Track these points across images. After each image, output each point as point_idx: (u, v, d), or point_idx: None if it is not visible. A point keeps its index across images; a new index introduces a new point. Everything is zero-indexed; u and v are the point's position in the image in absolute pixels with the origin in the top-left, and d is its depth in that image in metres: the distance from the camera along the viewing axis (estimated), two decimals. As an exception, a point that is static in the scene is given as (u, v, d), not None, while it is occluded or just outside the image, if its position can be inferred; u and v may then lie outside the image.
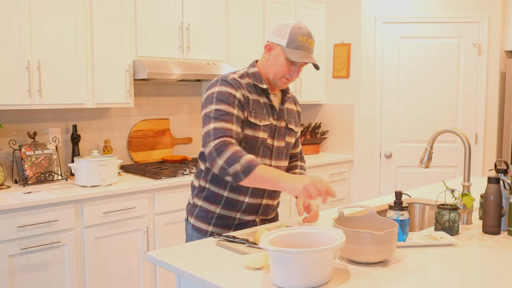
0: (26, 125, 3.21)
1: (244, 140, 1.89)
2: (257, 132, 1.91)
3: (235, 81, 1.89)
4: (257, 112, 1.91)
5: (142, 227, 3.09)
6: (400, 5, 4.32)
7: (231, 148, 1.74)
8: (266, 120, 1.93)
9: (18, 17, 2.80)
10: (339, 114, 4.62)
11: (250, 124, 1.89)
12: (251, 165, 1.72)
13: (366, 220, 1.74)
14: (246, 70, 1.97)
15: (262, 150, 1.94)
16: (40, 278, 2.70)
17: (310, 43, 1.89)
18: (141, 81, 3.63)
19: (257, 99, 1.93)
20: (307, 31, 1.89)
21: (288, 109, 2.06)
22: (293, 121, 2.07)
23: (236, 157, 1.72)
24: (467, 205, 2.01)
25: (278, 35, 1.89)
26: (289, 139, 2.04)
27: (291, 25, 1.88)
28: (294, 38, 1.86)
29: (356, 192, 4.54)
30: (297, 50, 1.86)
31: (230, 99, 1.83)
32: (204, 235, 1.98)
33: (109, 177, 3.01)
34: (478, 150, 4.39)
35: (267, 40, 1.93)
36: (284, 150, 2.03)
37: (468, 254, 1.70)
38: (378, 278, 1.46)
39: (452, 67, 4.33)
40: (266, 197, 1.99)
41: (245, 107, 1.88)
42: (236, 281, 1.45)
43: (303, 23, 1.93)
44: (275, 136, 1.98)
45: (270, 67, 1.92)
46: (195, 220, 2.00)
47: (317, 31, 4.58)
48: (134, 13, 3.30)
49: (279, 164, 2.01)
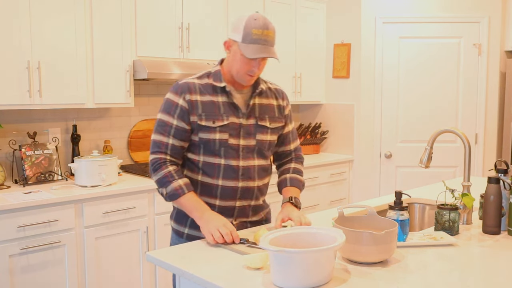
0: (26, 125, 3.21)
1: (203, 144, 1.87)
2: (212, 134, 1.86)
3: (186, 85, 1.87)
4: (209, 114, 1.85)
5: (142, 227, 3.09)
6: (400, 5, 4.32)
7: (163, 170, 1.84)
8: (223, 120, 1.86)
9: (18, 17, 2.80)
10: (339, 114, 4.61)
11: (202, 128, 1.86)
12: (176, 194, 1.83)
13: (366, 220, 1.74)
14: (211, 69, 1.95)
15: (224, 151, 1.88)
16: (40, 278, 2.70)
17: (267, 35, 1.79)
18: (141, 81, 3.63)
19: (212, 100, 1.87)
20: (262, 23, 1.78)
21: (262, 104, 1.96)
22: (268, 117, 1.97)
23: (165, 182, 1.84)
24: (467, 205, 2.01)
25: (235, 30, 1.82)
26: (262, 136, 1.95)
27: (246, 18, 1.79)
28: (248, 32, 1.77)
29: (356, 192, 4.54)
30: (252, 45, 1.78)
31: (171, 109, 1.86)
32: (181, 236, 1.97)
33: (109, 177, 3.01)
34: (478, 150, 4.39)
35: (228, 37, 1.87)
36: (255, 148, 1.93)
37: (468, 254, 1.70)
38: (378, 278, 1.46)
39: (452, 67, 4.33)
40: (240, 199, 1.94)
41: (192, 112, 1.85)
42: (236, 281, 1.45)
43: (260, 14, 1.83)
44: (241, 135, 1.90)
45: (231, 65, 1.86)
46: (173, 223, 2.02)
47: (317, 31, 4.58)
48: (134, 13, 3.30)
49: (250, 163, 1.93)
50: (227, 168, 1.89)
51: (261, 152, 1.96)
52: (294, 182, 2.06)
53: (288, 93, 4.35)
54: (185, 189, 1.84)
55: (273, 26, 1.83)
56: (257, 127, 1.93)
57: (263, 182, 2.01)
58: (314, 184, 4.22)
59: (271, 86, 2.05)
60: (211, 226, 1.76)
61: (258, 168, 1.96)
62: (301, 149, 2.20)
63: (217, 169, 1.90)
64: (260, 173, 1.97)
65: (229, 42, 1.86)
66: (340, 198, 4.49)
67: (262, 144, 1.95)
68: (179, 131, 1.86)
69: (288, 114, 2.07)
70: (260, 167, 1.97)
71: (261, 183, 1.99)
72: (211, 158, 1.90)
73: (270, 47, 1.81)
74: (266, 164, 2.02)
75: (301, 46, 4.43)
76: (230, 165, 1.89)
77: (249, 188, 1.94)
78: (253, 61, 1.82)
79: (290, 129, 2.09)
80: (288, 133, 2.08)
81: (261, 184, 2.00)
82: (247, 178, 1.93)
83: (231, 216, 1.94)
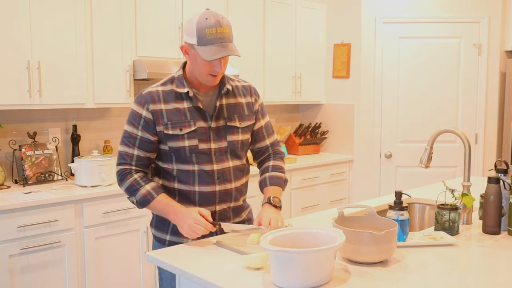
0: (26, 125, 3.21)
1: (173, 152, 1.85)
2: (181, 141, 1.82)
3: (150, 95, 1.84)
4: (175, 122, 1.82)
5: (142, 227, 3.09)
6: (400, 5, 4.32)
7: (129, 179, 1.84)
8: (190, 126, 1.83)
9: (18, 17, 2.80)
10: (339, 114, 4.61)
11: (170, 137, 1.82)
12: (145, 200, 1.83)
13: (366, 220, 1.74)
14: (174, 74, 1.91)
15: (196, 158, 1.84)
16: (40, 278, 2.70)
17: (222, 32, 1.72)
18: (141, 81, 3.63)
19: (177, 107, 1.83)
20: (214, 20, 1.71)
21: (229, 104, 1.91)
22: (237, 116, 1.91)
23: (133, 190, 1.84)
24: (467, 205, 2.01)
25: (188, 33, 1.76)
26: (233, 137, 1.90)
27: (197, 18, 1.73)
28: (202, 34, 1.71)
29: (356, 192, 4.54)
30: (209, 46, 1.71)
31: (135, 120, 1.84)
32: (163, 244, 1.94)
33: (109, 177, 3.01)
34: (478, 150, 4.39)
35: (184, 41, 1.81)
36: (227, 150, 1.89)
37: (468, 254, 1.70)
38: (378, 278, 1.46)
39: (452, 67, 4.33)
40: (219, 203, 1.91)
41: (157, 122, 1.82)
42: (236, 281, 1.45)
43: (210, 11, 1.75)
44: (211, 138, 1.86)
45: (192, 68, 1.82)
46: (154, 230, 1.99)
47: (317, 31, 4.58)
48: (134, 13, 3.30)
49: (224, 166, 1.89)
50: (201, 174, 1.86)
51: (234, 152, 1.92)
52: (273, 181, 1.98)
53: (288, 93, 4.35)
54: (154, 193, 1.82)
55: (227, 21, 1.76)
56: (227, 128, 1.89)
57: (241, 182, 1.97)
58: (314, 184, 4.22)
59: (238, 84, 1.99)
60: (189, 223, 1.73)
61: (234, 169, 1.93)
62: (280, 143, 2.12)
63: (192, 176, 1.86)
64: (236, 173, 1.94)
65: (185, 46, 1.80)
66: (340, 198, 4.49)
67: (234, 144, 1.91)
68: (144, 142, 1.84)
69: (258, 110, 2.00)
70: (235, 167, 1.93)
71: (238, 183, 1.95)
72: (184, 166, 1.86)
73: (228, 43, 1.74)
74: (241, 164, 1.97)
75: (301, 46, 4.43)
76: (204, 170, 1.86)
77: (227, 190, 1.91)
78: (214, 62, 1.76)
79: (262, 124, 2.02)
80: (261, 128, 2.02)
81: (239, 184, 1.96)
82: (224, 181, 1.90)
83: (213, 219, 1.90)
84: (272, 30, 4.17)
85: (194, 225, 1.73)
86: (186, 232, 1.75)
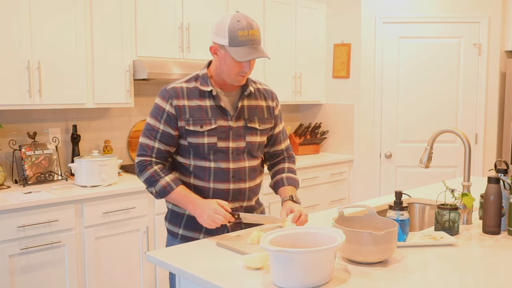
0: (26, 125, 3.21)
1: (192, 148, 1.89)
2: (201, 138, 1.87)
3: (174, 90, 1.89)
4: (197, 119, 1.87)
5: (142, 227, 3.09)
6: (400, 5, 4.32)
7: (149, 170, 1.88)
8: (211, 124, 1.87)
9: (18, 17, 2.80)
10: (339, 114, 4.61)
11: (190, 133, 1.87)
12: (165, 191, 1.86)
13: (366, 220, 1.74)
14: (199, 72, 1.95)
15: (213, 155, 1.89)
16: (40, 278, 2.70)
17: (253, 34, 1.78)
18: (141, 81, 3.63)
19: (199, 104, 1.88)
20: (246, 23, 1.77)
21: (251, 106, 1.96)
22: (258, 118, 1.97)
23: (152, 181, 1.88)
24: (467, 205, 2.01)
25: (219, 34, 1.80)
26: (252, 138, 1.95)
27: (228, 21, 1.78)
28: (234, 35, 1.76)
29: (356, 192, 4.54)
30: (241, 47, 1.77)
31: (159, 114, 1.90)
32: (175, 237, 1.99)
33: (109, 177, 3.01)
34: (478, 150, 4.39)
35: (212, 41, 1.86)
36: (245, 150, 1.94)
37: (468, 254, 1.70)
38: (378, 278, 1.46)
39: (452, 67, 4.33)
40: (232, 201, 1.94)
41: (179, 117, 1.87)
42: (236, 281, 1.45)
43: (241, 14, 1.80)
44: (230, 137, 1.91)
45: (221, 68, 1.86)
46: (168, 224, 2.04)
47: (317, 31, 4.58)
48: (134, 13, 3.30)
49: (240, 165, 1.93)
50: (217, 171, 1.91)
51: (251, 153, 1.97)
52: (290, 181, 2.06)
53: (288, 93, 4.35)
54: (173, 184, 1.87)
55: (256, 24, 1.82)
56: (246, 129, 1.94)
57: (255, 183, 2.01)
58: (314, 184, 4.22)
59: (260, 87, 2.05)
60: (209, 214, 1.78)
61: (249, 169, 1.97)
62: (292, 148, 2.20)
63: (208, 172, 1.91)
64: (251, 174, 1.98)
65: (215, 47, 1.85)
66: (340, 198, 4.49)
67: (252, 145, 1.96)
68: (165, 136, 1.89)
69: (278, 115, 2.07)
70: (251, 168, 1.98)
71: (252, 184, 1.99)
72: (201, 162, 1.91)
73: (258, 46, 1.81)
74: (256, 165, 2.01)
75: (301, 46, 4.43)
76: (220, 167, 1.91)
77: (241, 189, 1.95)
78: (243, 63, 1.82)
79: (280, 129, 2.09)
80: (279, 133, 2.09)
81: (253, 185, 2.00)
82: (238, 180, 1.94)
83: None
84: (272, 30, 4.17)
85: (214, 215, 1.78)
86: (206, 222, 1.79)
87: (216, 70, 1.89)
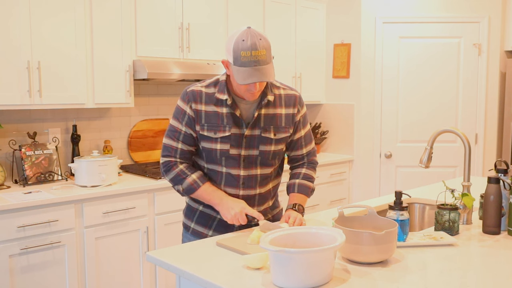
0: (26, 125, 3.21)
1: (205, 152, 1.93)
2: (214, 144, 1.89)
3: (192, 94, 1.90)
4: (211, 125, 1.88)
5: (142, 227, 3.09)
6: (400, 5, 4.33)
7: (175, 170, 1.93)
8: (225, 132, 1.88)
9: (18, 17, 2.80)
10: (339, 114, 4.62)
11: (204, 137, 1.90)
12: (192, 188, 1.92)
13: (366, 220, 1.74)
14: (219, 77, 1.94)
15: (225, 161, 1.92)
16: (40, 278, 2.70)
17: (257, 55, 1.70)
18: (141, 81, 3.63)
19: (216, 111, 1.88)
20: (250, 43, 1.69)
21: (268, 115, 1.93)
22: (274, 127, 1.93)
23: (179, 179, 1.93)
24: (467, 205, 2.01)
25: (227, 51, 1.77)
26: (266, 147, 1.93)
27: (234, 39, 1.72)
28: (237, 55, 1.71)
29: (356, 192, 4.54)
30: (243, 68, 1.71)
31: (180, 115, 1.93)
32: (187, 230, 2.06)
33: (109, 177, 3.01)
34: (478, 150, 4.39)
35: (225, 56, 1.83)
36: (258, 158, 1.94)
37: (468, 254, 1.70)
38: (378, 278, 1.46)
39: (452, 67, 4.33)
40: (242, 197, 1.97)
41: (196, 121, 1.90)
42: (236, 281, 1.45)
43: (250, 31, 1.72)
44: (243, 145, 1.91)
45: (232, 83, 1.86)
46: (184, 217, 2.10)
47: (317, 31, 4.58)
48: (134, 13, 3.30)
49: (251, 173, 1.94)
50: (228, 176, 1.94)
51: (264, 161, 1.96)
52: (301, 189, 2.04)
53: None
54: (199, 182, 1.92)
55: (264, 42, 1.72)
56: (260, 139, 1.93)
57: (266, 189, 2.03)
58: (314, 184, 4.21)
59: (283, 93, 1.98)
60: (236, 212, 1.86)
61: (261, 177, 1.98)
62: (315, 153, 2.15)
63: (220, 176, 1.96)
64: (262, 181, 1.99)
65: (226, 62, 1.82)
66: (340, 198, 4.49)
67: (265, 154, 1.95)
68: (187, 137, 1.93)
69: (300, 120, 2.02)
70: (262, 176, 1.98)
71: (263, 190, 2.01)
72: (214, 166, 1.95)
73: (262, 66, 1.72)
74: (270, 172, 2.01)
75: (301, 46, 4.43)
76: (231, 174, 1.94)
77: (250, 196, 1.98)
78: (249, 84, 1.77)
79: (302, 134, 2.05)
80: (300, 138, 2.05)
81: (263, 191, 2.02)
82: (248, 187, 1.96)
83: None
84: (272, 30, 4.17)
85: (239, 214, 1.85)
86: (231, 219, 1.87)
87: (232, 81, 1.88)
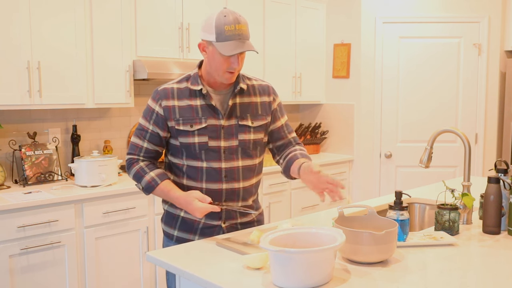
0: (26, 125, 3.21)
1: (184, 148, 1.89)
2: (191, 138, 1.87)
3: (164, 92, 1.90)
4: (187, 118, 1.87)
5: (142, 227, 3.09)
6: (400, 5, 4.33)
7: (135, 167, 1.93)
8: (201, 123, 1.87)
9: (18, 17, 2.80)
10: (339, 114, 4.62)
11: (181, 132, 1.88)
12: (150, 186, 1.90)
13: (366, 220, 1.74)
14: (191, 72, 1.95)
15: (205, 155, 1.88)
16: (40, 278, 2.70)
17: (240, 29, 1.77)
18: (141, 81, 3.63)
19: (190, 104, 1.88)
20: (232, 18, 1.76)
21: (243, 103, 1.94)
22: (250, 115, 1.93)
23: (139, 177, 1.92)
24: (467, 205, 2.01)
25: (207, 30, 1.80)
26: (245, 136, 1.92)
27: (215, 16, 1.77)
28: (221, 30, 1.75)
29: (356, 192, 4.54)
30: (228, 42, 1.76)
31: (148, 114, 1.92)
32: (171, 239, 1.99)
33: (109, 177, 3.01)
34: (478, 150, 4.39)
35: (201, 38, 1.85)
36: (238, 149, 1.91)
37: (468, 254, 1.70)
38: (378, 278, 1.46)
39: (452, 67, 4.33)
40: (225, 202, 1.92)
41: (169, 118, 1.88)
42: (236, 281, 1.45)
43: (228, 9, 1.80)
44: (222, 136, 1.89)
45: (210, 65, 1.85)
46: (164, 225, 2.04)
47: (317, 31, 4.58)
48: (134, 13, 3.30)
49: (233, 164, 1.91)
50: (209, 171, 1.89)
51: (245, 151, 1.93)
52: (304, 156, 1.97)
53: (288, 93, 4.35)
54: (158, 180, 1.89)
55: (244, 19, 1.81)
56: (239, 127, 1.91)
57: (250, 182, 1.97)
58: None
59: (255, 83, 2.01)
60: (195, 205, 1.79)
61: (243, 169, 1.94)
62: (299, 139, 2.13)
63: (200, 173, 1.90)
64: (245, 173, 1.94)
65: (203, 43, 1.84)
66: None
67: (245, 143, 1.92)
68: (154, 136, 1.92)
69: (277, 109, 2.03)
70: (245, 167, 1.94)
71: (247, 183, 1.96)
72: (194, 162, 1.90)
73: (245, 40, 1.79)
74: (253, 164, 1.97)
75: (301, 46, 4.43)
76: (212, 167, 1.89)
77: (234, 189, 1.92)
78: (231, 58, 1.80)
79: (282, 122, 2.05)
80: (282, 126, 2.04)
81: (247, 185, 1.96)
82: (231, 180, 1.91)
83: (219, 219, 1.93)
84: (272, 30, 4.17)
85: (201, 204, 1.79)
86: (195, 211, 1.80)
87: (206, 68, 1.89)
